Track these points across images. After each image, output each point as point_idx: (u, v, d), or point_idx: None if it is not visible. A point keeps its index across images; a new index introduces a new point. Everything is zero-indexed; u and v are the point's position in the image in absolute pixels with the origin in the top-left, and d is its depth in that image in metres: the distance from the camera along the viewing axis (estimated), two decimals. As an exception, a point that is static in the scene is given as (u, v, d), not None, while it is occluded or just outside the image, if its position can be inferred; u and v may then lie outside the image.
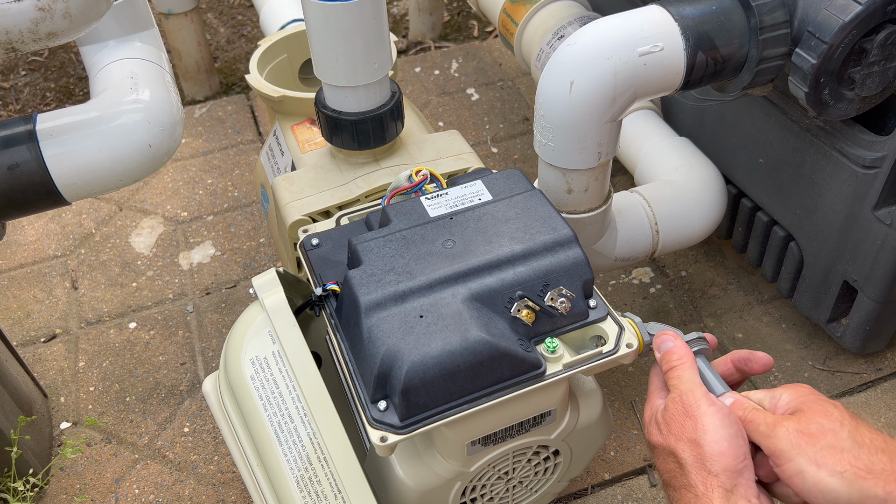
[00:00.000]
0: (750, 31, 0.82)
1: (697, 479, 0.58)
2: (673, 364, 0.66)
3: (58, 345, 1.23)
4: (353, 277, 0.70)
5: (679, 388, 0.63)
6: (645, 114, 1.21)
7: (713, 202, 1.08)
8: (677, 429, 0.61)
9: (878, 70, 0.81)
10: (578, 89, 0.80)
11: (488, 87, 1.69)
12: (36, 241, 1.40)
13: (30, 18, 0.67)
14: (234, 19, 1.96)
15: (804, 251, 1.05)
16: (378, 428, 0.65)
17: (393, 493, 0.77)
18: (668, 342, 0.68)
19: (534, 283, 0.70)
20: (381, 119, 0.91)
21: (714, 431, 0.59)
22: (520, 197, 0.78)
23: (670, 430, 0.61)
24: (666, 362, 0.67)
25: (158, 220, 1.42)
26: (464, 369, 0.65)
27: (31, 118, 0.81)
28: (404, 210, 0.77)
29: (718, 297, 1.24)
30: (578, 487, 1.03)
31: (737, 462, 0.58)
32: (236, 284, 1.31)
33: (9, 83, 1.80)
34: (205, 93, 1.71)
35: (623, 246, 1.02)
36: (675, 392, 0.63)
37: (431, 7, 1.81)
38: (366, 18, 0.83)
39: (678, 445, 0.60)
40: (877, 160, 0.89)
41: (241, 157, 1.55)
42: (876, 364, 1.14)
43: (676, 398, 0.63)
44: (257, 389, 0.74)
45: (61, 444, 1.09)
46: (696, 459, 0.58)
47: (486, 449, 0.75)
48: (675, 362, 0.66)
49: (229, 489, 1.04)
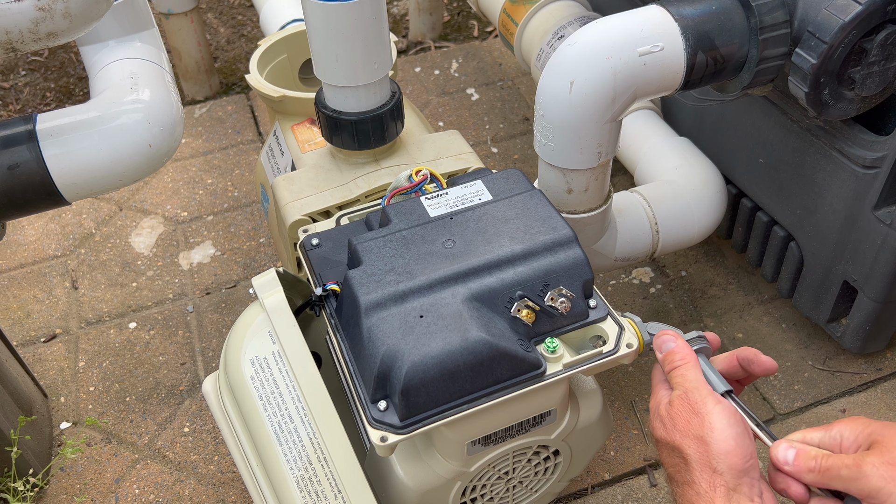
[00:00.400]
0: (750, 31, 0.82)
1: (701, 476, 0.58)
2: (676, 364, 0.66)
3: (58, 345, 1.23)
4: (353, 277, 0.70)
5: (684, 385, 0.63)
6: (645, 114, 1.21)
7: (713, 202, 1.08)
8: (683, 425, 0.60)
9: (878, 70, 0.81)
10: (578, 89, 0.80)
11: (488, 87, 1.69)
12: (36, 241, 1.40)
13: (30, 18, 0.67)
14: (234, 19, 1.96)
15: (804, 251, 1.05)
16: (378, 428, 0.65)
17: (393, 493, 0.77)
18: (670, 342, 0.68)
19: (534, 283, 0.70)
20: (381, 119, 0.91)
21: (721, 430, 0.58)
22: (520, 197, 0.78)
23: (675, 426, 0.61)
24: (668, 362, 0.67)
25: (158, 220, 1.42)
26: (464, 369, 0.65)
27: (31, 118, 0.81)
28: (404, 210, 0.77)
29: (718, 297, 1.24)
30: (578, 487, 1.03)
31: (744, 461, 0.57)
32: (236, 284, 1.31)
33: (9, 83, 1.80)
34: (205, 93, 1.71)
35: (623, 246, 1.02)
36: (679, 389, 0.63)
37: (431, 7, 1.81)
38: (366, 18, 0.83)
39: (683, 442, 0.60)
40: (877, 160, 0.89)
41: (241, 157, 1.55)
42: (876, 364, 1.14)
43: (682, 395, 0.62)
44: (257, 389, 0.74)
45: (61, 444, 1.09)
46: (701, 457, 0.58)
47: (486, 449, 0.75)
48: (678, 362, 0.66)
49: (229, 489, 1.04)
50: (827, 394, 1.11)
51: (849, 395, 1.11)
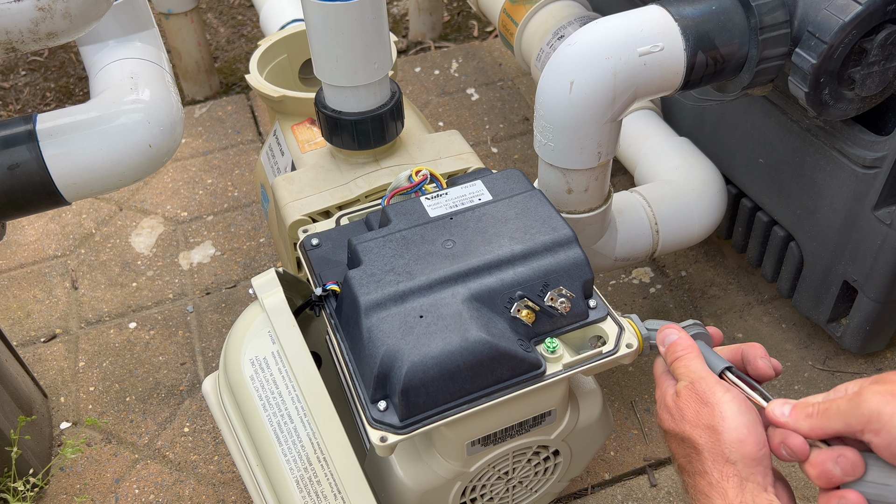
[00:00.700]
0: (750, 31, 0.82)
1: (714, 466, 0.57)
2: (678, 354, 0.65)
3: (58, 345, 1.23)
4: (352, 277, 0.70)
5: (689, 376, 0.62)
6: (645, 114, 1.21)
7: (713, 202, 1.08)
8: (692, 416, 0.60)
9: (878, 70, 0.81)
10: (578, 89, 0.80)
11: (488, 87, 1.69)
12: (36, 241, 1.40)
13: (30, 18, 0.68)
14: (234, 19, 1.96)
15: (804, 251, 1.05)
16: (378, 428, 0.65)
17: (393, 493, 0.77)
18: (672, 335, 0.68)
19: (534, 283, 0.70)
20: (381, 119, 0.91)
21: (733, 418, 0.58)
22: (520, 197, 0.78)
23: (684, 416, 0.60)
24: (671, 353, 0.66)
25: (158, 220, 1.42)
26: (464, 369, 0.65)
27: (31, 118, 0.81)
28: (404, 210, 0.77)
29: (718, 297, 1.24)
30: (578, 487, 1.03)
31: (757, 449, 0.57)
32: (236, 284, 1.31)
33: (9, 83, 1.80)
34: (205, 93, 1.71)
35: (623, 246, 1.02)
36: (685, 380, 0.63)
37: (431, 7, 1.81)
38: (366, 18, 0.83)
39: (694, 432, 0.59)
40: (877, 160, 0.89)
41: (241, 157, 1.55)
42: (876, 364, 1.14)
43: (689, 385, 0.62)
44: (257, 389, 0.74)
45: (61, 444, 1.09)
46: (713, 446, 0.58)
47: (486, 449, 0.75)
48: (680, 352, 0.65)
49: (229, 489, 1.04)
50: (827, 394, 1.11)
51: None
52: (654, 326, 0.73)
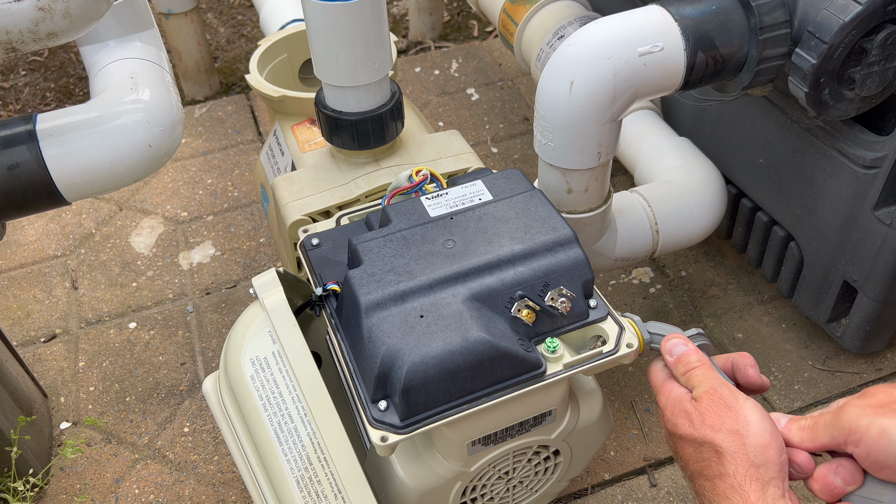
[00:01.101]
0: (750, 31, 0.82)
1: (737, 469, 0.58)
2: (693, 365, 0.67)
3: (58, 345, 1.23)
4: (353, 277, 0.70)
5: (709, 384, 0.64)
6: (645, 114, 1.21)
7: (713, 202, 1.08)
8: (714, 420, 0.61)
9: (878, 70, 0.82)
10: (578, 89, 0.80)
11: (488, 87, 1.69)
12: (36, 241, 1.40)
13: (30, 18, 0.68)
14: (234, 19, 1.96)
15: (804, 251, 1.05)
16: (378, 428, 0.65)
17: (393, 493, 0.77)
18: (680, 346, 0.69)
19: (534, 283, 0.70)
20: (381, 119, 0.91)
21: (757, 423, 0.59)
22: (520, 197, 0.78)
23: (704, 420, 0.62)
24: (685, 364, 0.67)
25: (158, 220, 1.42)
26: (464, 369, 0.65)
27: (31, 118, 0.81)
28: (404, 210, 0.77)
29: (718, 297, 1.24)
30: (578, 487, 1.03)
31: (778, 455, 0.58)
32: (236, 284, 1.31)
33: (9, 83, 1.80)
34: (205, 93, 1.71)
35: (623, 246, 1.02)
36: (703, 387, 0.64)
37: (431, 7, 1.81)
38: (366, 18, 0.83)
39: (716, 436, 0.60)
40: (877, 160, 0.89)
41: (241, 157, 1.55)
42: (876, 364, 1.14)
43: (710, 391, 0.63)
44: (257, 389, 0.74)
45: (61, 444, 1.09)
46: (738, 449, 0.59)
47: (486, 449, 0.75)
48: (695, 363, 0.67)
49: (229, 489, 1.04)
50: (827, 394, 1.11)
51: (849, 395, 1.10)
52: (656, 330, 0.73)
